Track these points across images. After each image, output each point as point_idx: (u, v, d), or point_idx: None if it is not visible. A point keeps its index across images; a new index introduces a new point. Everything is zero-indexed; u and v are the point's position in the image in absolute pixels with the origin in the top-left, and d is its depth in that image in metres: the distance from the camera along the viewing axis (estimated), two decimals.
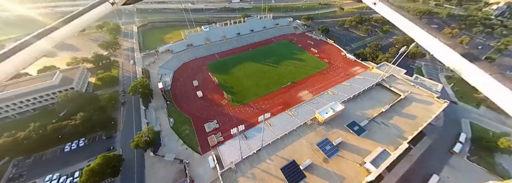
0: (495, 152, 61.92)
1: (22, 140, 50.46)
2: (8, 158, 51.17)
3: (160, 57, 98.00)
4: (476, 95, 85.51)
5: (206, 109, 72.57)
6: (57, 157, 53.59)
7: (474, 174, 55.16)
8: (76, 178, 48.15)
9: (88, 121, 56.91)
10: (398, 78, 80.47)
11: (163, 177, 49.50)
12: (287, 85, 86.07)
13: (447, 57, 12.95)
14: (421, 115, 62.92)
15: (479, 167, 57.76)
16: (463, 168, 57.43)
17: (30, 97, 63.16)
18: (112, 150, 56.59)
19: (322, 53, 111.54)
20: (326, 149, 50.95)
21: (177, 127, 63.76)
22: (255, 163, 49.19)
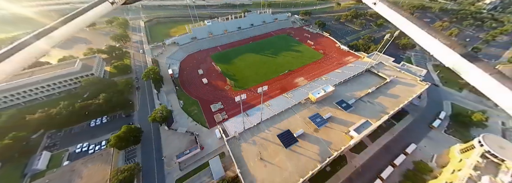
0: (470, 127, 69.65)
1: (54, 115, 58.85)
2: (43, 131, 59.54)
3: (167, 49, 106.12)
4: (460, 80, 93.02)
5: (211, 93, 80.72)
6: (84, 130, 62.02)
7: (448, 143, 62.98)
8: (103, 146, 56.57)
9: (109, 101, 65.18)
10: (385, 65, 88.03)
11: (177, 146, 57.83)
12: (284, 73, 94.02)
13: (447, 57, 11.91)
14: (404, 95, 70.67)
15: (454, 138, 65.60)
16: (439, 139, 65.29)
17: (55, 81, 71.55)
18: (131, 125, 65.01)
19: (317, 45, 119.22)
20: (316, 121, 58.97)
21: (187, 108, 72.05)
22: (255, 132, 57.25)
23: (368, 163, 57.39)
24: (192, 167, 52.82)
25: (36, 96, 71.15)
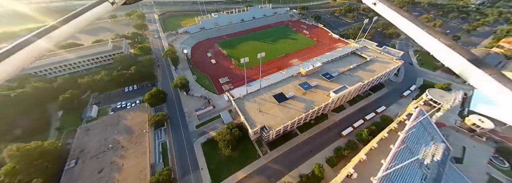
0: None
1: (98, 81, 75.19)
2: (89, 92, 75.87)
3: (180, 36, 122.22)
4: (435, 63, 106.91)
5: (219, 70, 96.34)
6: (120, 94, 78.23)
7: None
8: (137, 103, 72.54)
9: (138, 72, 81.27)
10: (369, 48, 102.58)
11: (194, 105, 73.56)
12: (281, 56, 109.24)
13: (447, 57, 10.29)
14: (380, 70, 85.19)
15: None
16: (406, 104, 79.32)
17: (94, 57, 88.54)
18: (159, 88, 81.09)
19: (312, 34, 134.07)
20: (304, 87, 74.02)
21: (199, 80, 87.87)
22: (255, 95, 72.51)
23: (344, 119, 72.35)
24: (207, 118, 68.59)
25: (78, 69, 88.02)
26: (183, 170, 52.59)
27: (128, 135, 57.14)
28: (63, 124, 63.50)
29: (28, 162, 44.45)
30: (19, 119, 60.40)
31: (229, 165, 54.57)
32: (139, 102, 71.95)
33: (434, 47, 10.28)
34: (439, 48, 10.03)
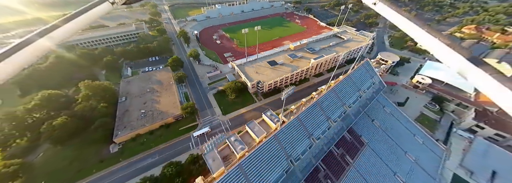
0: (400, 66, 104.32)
1: (129, 51, 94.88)
2: (123, 59, 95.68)
3: (188, 23, 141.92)
4: (403, 44, 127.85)
5: (224, 48, 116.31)
6: (146, 62, 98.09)
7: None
8: (160, 68, 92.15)
9: (159, 47, 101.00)
10: (348, 32, 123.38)
11: (205, 70, 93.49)
12: (275, 38, 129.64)
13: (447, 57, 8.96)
14: (353, 46, 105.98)
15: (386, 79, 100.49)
16: None
17: (122, 34, 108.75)
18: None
19: (303, 23, 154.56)
20: (292, 56, 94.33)
21: (207, 55, 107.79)
22: (253, 63, 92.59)
23: (322, 81, 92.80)
24: (215, 79, 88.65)
25: (109, 44, 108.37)
26: (201, 107, 72.70)
27: (160, 85, 76.92)
28: (108, 79, 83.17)
29: (96, 93, 63.89)
30: (76, 74, 79.84)
31: (234, 105, 74.83)
32: (162, 68, 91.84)
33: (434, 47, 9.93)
34: (439, 48, 9.72)
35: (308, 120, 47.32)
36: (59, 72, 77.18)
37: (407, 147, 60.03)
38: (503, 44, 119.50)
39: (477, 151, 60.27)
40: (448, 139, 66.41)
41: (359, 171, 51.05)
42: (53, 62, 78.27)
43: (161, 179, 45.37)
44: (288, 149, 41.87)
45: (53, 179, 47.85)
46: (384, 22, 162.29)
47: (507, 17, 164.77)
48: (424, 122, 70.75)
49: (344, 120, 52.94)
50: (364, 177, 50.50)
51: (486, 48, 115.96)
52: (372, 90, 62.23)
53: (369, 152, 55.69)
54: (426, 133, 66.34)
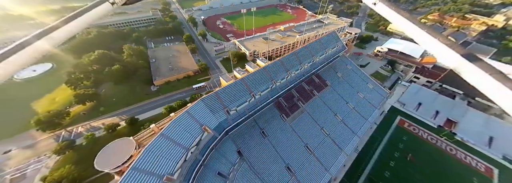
0: (368, 42, 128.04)
1: (150, 30, 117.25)
2: (146, 37, 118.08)
3: (194, 12, 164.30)
4: (376, 28, 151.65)
5: (226, 31, 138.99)
6: (164, 40, 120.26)
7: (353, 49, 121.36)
8: (176, 43, 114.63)
9: (173, 28, 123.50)
10: (330, 18, 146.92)
11: (211, 46, 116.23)
12: (269, 24, 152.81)
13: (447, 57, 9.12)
14: (333, 28, 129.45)
15: (355, 47, 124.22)
16: None
17: (142, 19, 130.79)
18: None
19: (294, 13, 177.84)
20: (282, 34, 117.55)
21: (213, 35, 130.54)
22: (251, 40, 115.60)
23: None
24: (220, 52, 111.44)
25: (133, 26, 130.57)
26: (211, 68, 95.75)
27: (178, 53, 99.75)
28: None
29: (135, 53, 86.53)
30: (112, 45, 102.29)
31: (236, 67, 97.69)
32: (178, 43, 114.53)
33: (434, 47, 9.81)
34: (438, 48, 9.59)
35: (288, 62, 70.42)
36: (101, 42, 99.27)
37: (360, 89, 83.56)
38: (457, 26, 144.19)
39: (411, 91, 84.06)
40: (392, 88, 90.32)
41: (322, 100, 74.32)
42: (96, 35, 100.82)
43: (189, 101, 68.33)
44: (274, 77, 64.94)
45: (115, 103, 70.40)
46: (364, 12, 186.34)
47: (471, 7, 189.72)
48: (377, 77, 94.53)
49: (312, 66, 76.14)
50: (326, 104, 73.75)
51: (441, 29, 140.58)
52: (336, 49, 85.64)
53: (331, 90, 78.90)
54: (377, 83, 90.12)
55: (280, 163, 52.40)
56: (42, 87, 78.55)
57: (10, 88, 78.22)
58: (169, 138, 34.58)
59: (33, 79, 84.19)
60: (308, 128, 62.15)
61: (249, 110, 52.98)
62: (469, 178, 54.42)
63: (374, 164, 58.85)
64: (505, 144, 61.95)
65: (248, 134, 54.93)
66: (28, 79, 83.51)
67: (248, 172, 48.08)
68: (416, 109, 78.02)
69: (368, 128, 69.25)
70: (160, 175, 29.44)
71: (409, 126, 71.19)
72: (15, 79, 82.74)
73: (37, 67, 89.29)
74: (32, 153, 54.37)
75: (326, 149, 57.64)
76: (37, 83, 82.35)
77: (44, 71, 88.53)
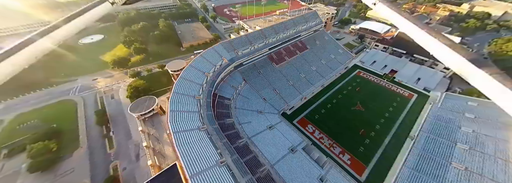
0: (347, 24, 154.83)
1: (174, 13, 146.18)
2: (171, 18, 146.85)
3: (206, 2, 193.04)
4: (358, 15, 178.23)
5: (232, 16, 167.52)
6: (183, 22, 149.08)
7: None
8: (194, 24, 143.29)
9: (190, 12, 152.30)
10: (318, 7, 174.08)
11: (220, 26, 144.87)
12: (267, 11, 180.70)
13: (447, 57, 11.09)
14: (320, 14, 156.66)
15: (336, 28, 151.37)
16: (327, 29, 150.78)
17: (164, 5, 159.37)
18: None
19: (289, 3, 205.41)
20: (277, 17, 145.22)
21: (221, 19, 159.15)
22: (252, 21, 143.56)
23: None
24: (228, 29, 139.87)
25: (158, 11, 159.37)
26: (222, 38, 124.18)
27: (197, 28, 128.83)
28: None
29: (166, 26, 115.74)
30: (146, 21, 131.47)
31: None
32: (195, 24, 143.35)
33: (434, 47, 9.59)
34: (439, 48, 9.36)
35: (278, 28, 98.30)
36: (139, 19, 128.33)
37: (332, 53, 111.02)
38: (424, 12, 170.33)
39: (370, 54, 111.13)
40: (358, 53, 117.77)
41: (303, 57, 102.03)
42: (135, 14, 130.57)
43: None
44: (267, 36, 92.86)
45: (159, 56, 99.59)
46: (350, 3, 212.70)
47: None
48: (348, 46, 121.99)
49: (296, 33, 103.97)
50: (305, 59, 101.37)
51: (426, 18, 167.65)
52: (315, 23, 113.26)
53: (310, 52, 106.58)
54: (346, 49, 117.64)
55: (270, 87, 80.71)
56: (102, 48, 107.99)
57: (79, 49, 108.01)
58: (195, 68, 61.11)
59: (92, 43, 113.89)
60: (290, 72, 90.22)
61: (249, 54, 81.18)
62: (394, 98, 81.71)
63: (333, 91, 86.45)
64: (427, 82, 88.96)
65: (249, 71, 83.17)
66: (89, 44, 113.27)
67: (250, 89, 76.59)
68: (371, 64, 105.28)
69: (334, 75, 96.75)
70: (191, 95, 50.68)
71: (363, 74, 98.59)
72: (79, 43, 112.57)
73: (94, 36, 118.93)
74: (112, 80, 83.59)
75: (301, 83, 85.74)
76: (97, 46, 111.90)
77: (98, 39, 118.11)
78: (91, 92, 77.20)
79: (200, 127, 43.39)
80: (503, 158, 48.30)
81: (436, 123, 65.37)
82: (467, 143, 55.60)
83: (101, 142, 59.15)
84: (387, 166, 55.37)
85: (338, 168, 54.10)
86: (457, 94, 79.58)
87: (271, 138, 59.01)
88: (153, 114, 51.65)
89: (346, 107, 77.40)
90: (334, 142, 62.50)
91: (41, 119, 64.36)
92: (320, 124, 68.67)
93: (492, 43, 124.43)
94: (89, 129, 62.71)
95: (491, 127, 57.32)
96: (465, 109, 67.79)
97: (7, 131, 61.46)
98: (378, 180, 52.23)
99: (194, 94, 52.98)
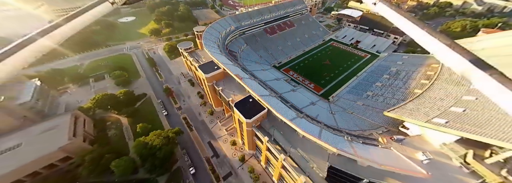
0: (330, 12, 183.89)
1: (187, 2, 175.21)
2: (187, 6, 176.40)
3: None
4: (341, 5, 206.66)
5: (235, 5, 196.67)
6: (196, 9, 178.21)
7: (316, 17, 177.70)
8: (205, 11, 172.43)
9: (201, 2, 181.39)
10: None
11: (227, 12, 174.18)
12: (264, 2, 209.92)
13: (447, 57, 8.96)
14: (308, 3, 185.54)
15: (320, 14, 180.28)
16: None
17: None
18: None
19: None
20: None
21: (226, 7, 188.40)
22: (253, 7, 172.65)
23: None
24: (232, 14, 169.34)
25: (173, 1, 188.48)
26: None
27: (208, 12, 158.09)
28: None
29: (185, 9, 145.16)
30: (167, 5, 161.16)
31: None
32: (205, 10, 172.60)
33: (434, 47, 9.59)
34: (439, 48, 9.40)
35: (272, 9, 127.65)
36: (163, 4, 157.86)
37: (314, 30, 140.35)
38: (396, 2, 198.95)
39: (343, 31, 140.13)
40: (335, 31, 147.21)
41: (291, 32, 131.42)
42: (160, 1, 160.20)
43: None
44: (263, 14, 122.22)
45: (183, 29, 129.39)
46: None
47: None
48: (328, 26, 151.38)
49: (284, 14, 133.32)
50: (292, 33, 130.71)
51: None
52: (301, 9, 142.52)
53: (296, 28, 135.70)
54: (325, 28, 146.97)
55: (264, 49, 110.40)
56: (137, 25, 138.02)
57: (120, 25, 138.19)
58: (214, 28, 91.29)
59: (128, 22, 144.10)
60: (279, 40, 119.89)
61: (250, 25, 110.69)
62: (353, 57, 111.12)
63: (311, 54, 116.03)
64: (380, 47, 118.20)
65: (250, 38, 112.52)
66: (125, 23, 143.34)
67: (249, 49, 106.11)
68: (342, 38, 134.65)
69: (313, 45, 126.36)
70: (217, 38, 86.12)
71: (335, 44, 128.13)
72: (119, 22, 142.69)
73: (128, 18, 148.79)
74: (150, 43, 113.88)
75: (287, 48, 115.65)
76: (132, 24, 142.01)
77: (132, 20, 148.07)
78: (138, 50, 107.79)
79: (220, 51, 73.53)
80: (405, 79, 78.16)
81: (376, 68, 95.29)
82: (389, 75, 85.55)
83: (154, 75, 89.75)
84: (336, 89, 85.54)
85: (305, 89, 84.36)
86: (398, 53, 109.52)
87: (264, 74, 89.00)
88: (191, 50, 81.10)
89: (318, 62, 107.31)
90: (305, 79, 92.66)
91: (110, 62, 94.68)
92: (298, 71, 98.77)
93: (444, 24, 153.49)
94: (144, 68, 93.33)
95: (409, 67, 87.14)
96: (399, 59, 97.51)
97: (89, 68, 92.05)
98: (328, 94, 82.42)
99: (214, 40, 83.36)
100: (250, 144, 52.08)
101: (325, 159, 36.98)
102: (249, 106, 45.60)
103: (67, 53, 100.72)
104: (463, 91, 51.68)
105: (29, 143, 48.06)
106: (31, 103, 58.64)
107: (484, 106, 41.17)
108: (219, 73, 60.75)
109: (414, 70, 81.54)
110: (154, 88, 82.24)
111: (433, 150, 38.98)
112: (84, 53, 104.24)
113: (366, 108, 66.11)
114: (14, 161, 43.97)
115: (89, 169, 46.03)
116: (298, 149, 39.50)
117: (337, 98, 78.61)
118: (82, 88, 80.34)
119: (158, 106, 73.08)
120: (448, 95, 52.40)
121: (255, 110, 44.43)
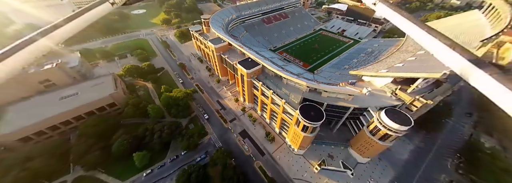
0: (322, 5, 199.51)
1: None
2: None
3: None
4: (334, 1, 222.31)
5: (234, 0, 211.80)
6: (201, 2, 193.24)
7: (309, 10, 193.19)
8: (209, 4, 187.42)
9: None
10: None
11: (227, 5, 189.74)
12: None
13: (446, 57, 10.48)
14: None
15: (313, 8, 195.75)
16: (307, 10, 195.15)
17: None
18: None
19: None
20: None
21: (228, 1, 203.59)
22: (252, 4, 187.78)
23: None
24: None
25: None
26: None
27: (211, 6, 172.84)
28: None
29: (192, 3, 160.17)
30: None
31: None
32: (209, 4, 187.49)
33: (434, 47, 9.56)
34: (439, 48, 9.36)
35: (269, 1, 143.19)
36: None
37: (306, 21, 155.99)
38: None
39: (332, 22, 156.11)
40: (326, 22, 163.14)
41: (285, 22, 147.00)
42: None
43: None
44: (261, 5, 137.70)
45: (190, 19, 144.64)
46: None
47: None
48: (319, 18, 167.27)
49: (279, 6, 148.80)
50: (286, 24, 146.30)
51: None
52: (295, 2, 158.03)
53: (290, 19, 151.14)
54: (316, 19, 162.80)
55: (262, 36, 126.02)
56: (148, 16, 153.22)
57: (133, 16, 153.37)
58: (218, 16, 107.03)
59: (140, 14, 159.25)
60: (275, 29, 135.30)
61: (249, 15, 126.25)
62: (338, 43, 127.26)
63: (302, 40, 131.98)
64: (362, 34, 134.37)
65: (249, 26, 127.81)
66: (138, 14, 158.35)
67: (249, 35, 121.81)
68: (331, 28, 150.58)
69: (305, 33, 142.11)
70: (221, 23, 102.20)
71: (324, 33, 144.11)
72: (132, 14, 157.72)
73: (139, 10, 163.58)
74: (162, 31, 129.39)
75: (282, 36, 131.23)
76: (143, 15, 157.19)
77: (143, 12, 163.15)
78: (152, 36, 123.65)
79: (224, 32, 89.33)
80: (376, 55, 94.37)
81: (356, 50, 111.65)
82: (365, 54, 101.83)
83: (168, 54, 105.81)
84: (320, 65, 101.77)
85: (295, 65, 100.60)
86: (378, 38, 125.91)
87: (261, 54, 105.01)
88: (200, 32, 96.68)
89: (308, 46, 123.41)
90: (296, 58, 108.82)
91: (131, 44, 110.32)
92: (290, 53, 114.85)
93: (423, 17, 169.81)
94: (159, 50, 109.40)
95: (382, 47, 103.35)
96: (376, 43, 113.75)
97: (113, 49, 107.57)
98: (314, 69, 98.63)
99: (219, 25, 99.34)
100: (249, 96, 68.22)
101: (300, 94, 53.27)
102: (248, 64, 61.69)
103: (93, 37, 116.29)
104: (410, 55, 68.19)
105: (84, 92, 64.14)
106: (78, 68, 74.53)
107: (419, 62, 57.78)
108: (225, 45, 76.72)
109: (385, 49, 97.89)
110: (170, 64, 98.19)
111: (375, 89, 55.43)
112: (106, 38, 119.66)
113: (341, 75, 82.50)
114: (75, 102, 60.08)
115: (132, 110, 62.08)
116: (283, 89, 55.77)
117: (321, 71, 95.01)
118: (109, 63, 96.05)
119: (174, 76, 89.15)
120: (398, 59, 68.87)
121: (252, 65, 60.54)
